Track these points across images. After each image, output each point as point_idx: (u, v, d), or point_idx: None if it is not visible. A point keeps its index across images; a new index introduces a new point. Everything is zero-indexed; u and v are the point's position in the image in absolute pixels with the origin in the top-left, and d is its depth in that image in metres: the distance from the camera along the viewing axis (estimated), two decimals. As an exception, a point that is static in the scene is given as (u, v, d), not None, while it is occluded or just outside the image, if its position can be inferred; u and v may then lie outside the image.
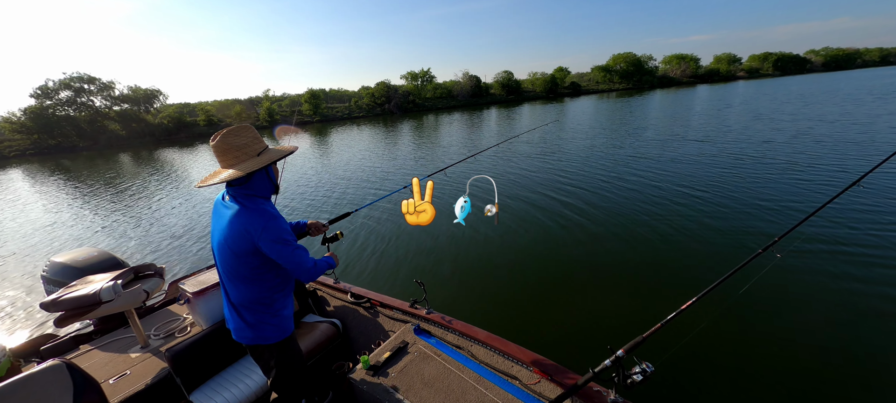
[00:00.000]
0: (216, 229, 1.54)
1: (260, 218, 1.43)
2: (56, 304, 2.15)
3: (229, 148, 1.45)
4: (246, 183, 1.47)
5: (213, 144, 1.45)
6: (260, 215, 1.44)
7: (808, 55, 79.83)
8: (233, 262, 1.49)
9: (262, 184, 1.52)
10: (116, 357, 2.39)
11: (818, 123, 13.21)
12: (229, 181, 1.46)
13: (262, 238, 1.42)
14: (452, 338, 2.03)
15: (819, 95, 23.60)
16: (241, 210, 1.45)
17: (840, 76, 50.28)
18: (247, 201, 1.47)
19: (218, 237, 1.52)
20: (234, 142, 1.45)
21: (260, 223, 1.42)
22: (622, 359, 1.30)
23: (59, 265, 2.81)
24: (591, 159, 10.28)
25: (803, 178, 7.21)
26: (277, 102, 53.97)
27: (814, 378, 2.71)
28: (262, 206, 1.48)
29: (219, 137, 1.44)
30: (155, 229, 7.69)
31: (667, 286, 3.95)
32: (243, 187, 1.48)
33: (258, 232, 1.42)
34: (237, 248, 1.45)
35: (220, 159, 1.48)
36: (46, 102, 38.04)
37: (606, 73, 65.35)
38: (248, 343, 1.62)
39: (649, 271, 4.29)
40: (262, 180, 1.51)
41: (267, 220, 1.43)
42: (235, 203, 1.47)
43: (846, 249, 4.34)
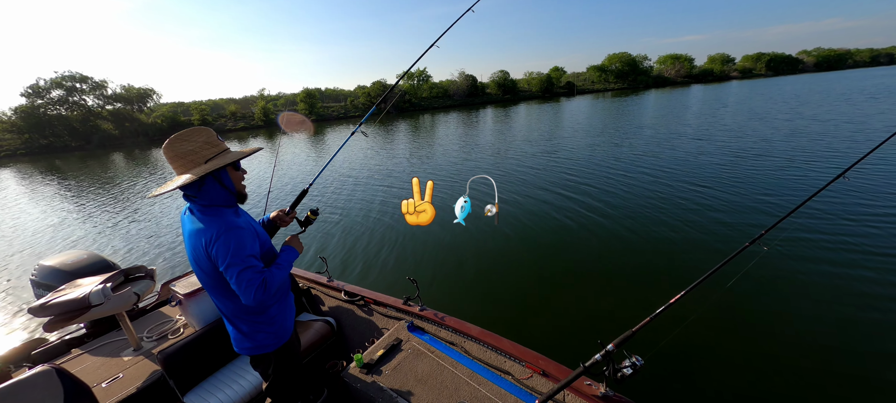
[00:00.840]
0: (186, 244, 1.44)
1: (212, 228, 1.32)
2: (45, 308, 2.12)
3: (176, 155, 1.33)
4: (199, 191, 1.35)
5: (163, 151, 1.36)
6: (212, 225, 1.33)
7: (800, 56, 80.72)
8: (204, 279, 1.42)
9: (216, 192, 1.38)
10: (108, 361, 2.36)
11: (811, 122, 13.40)
12: (184, 191, 1.35)
13: (213, 251, 1.31)
14: (446, 335, 2.03)
15: (812, 95, 23.91)
16: (196, 222, 1.36)
17: (832, 76, 50.92)
18: (203, 211, 1.37)
19: (188, 252, 1.43)
20: (181, 148, 1.33)
21: (211, 234, 1.31)
22: (612, 353, 1.32)
23: (49, 268, 2.78)
24: (581, 159, 10.34)
25: (793, 173, 7.34)
26: (273, 102, 53.69)
27: (800, 368, 2.76)
28: (217, 216, 1.36)
29: (166, 143, 1.33)
30: (145, 231, 7.62)
31: (656, 281, 4.00)
32: (198, 197, 1.36)
33: (210, 244, 1.31)
34: (202, 263, 1.37)
35: (173, 167, 1.37)
36: (37, 101, 37.57)
37: (602, 72, 65.68)
38: (248, 354, 1.57)
39: (639, 266, 4.34)
40: (213, 187, 1.37)
41: (218, 230, 1.31)
42: (194, 215, 1.38)
43: (832, 240, 4.42)
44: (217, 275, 1.38)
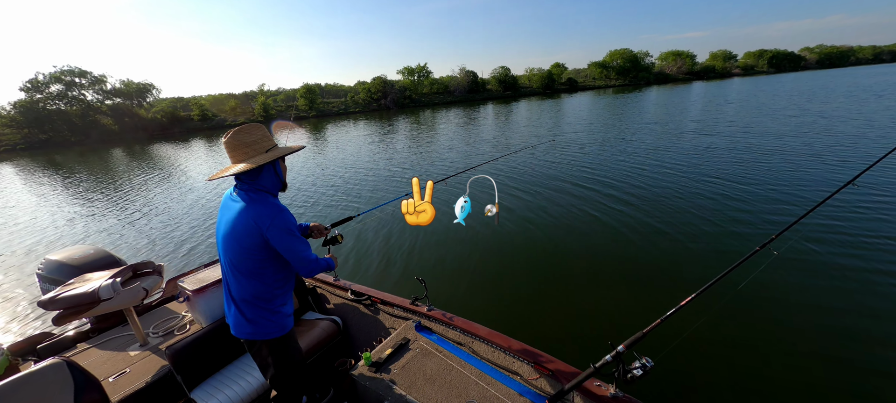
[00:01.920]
0: (223, 222, 1.58)
1: (269, 210, 1.49)
2: (54, 302, 2.13)
3: (240, 144, 1.52)
4: (255, 178, 1.54)
5: (225, 141, 1.53)
6: (269, 207, 1.50)
7: (802, 53, 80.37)
8: (238, 255, 1.53)
9: (271, 179, 1.58)
10: (115, 356, 2.37)
11: (819, 119, 13.36)
12: (239, 176, 1.53)
13: (271, 229, 1.47)
14: (454, 335, 2.04)
15: (817, 93, 23.77)
16: (249, 204, 1.50)
17: (834, 73, 50.74)
18: (255, 194, 1.53)
19: (224, 230, 1.55)
20: (245, 139, 1.53)
21: (269, 214, 1.48)
22: (623, 354, 1.33)
23: (55, 262, 2.77)
24: (587, 157, 10.32)
25: (804, 176, 7.28)
26: (272, 97, 53.52)
27: (811, 372, 2.76)
28: (270, 200, 1.54)
29: (230, 134, 1.53)
30: (150, 227, 7.62)
31: (667, 283, 3.99)
32: (252, 182, 1.54)
33: (267, 223, 1.47)
34: (244, 241, 1.50)
35: (230, 155, 1.55)
36: (36, 96, 37.36)
37: (603, 69, 65.43)
38: (246, 338, 1.64)
39: (650, 268, 4.33)
40: (270, 175, 1.57)
41: (276, 211, 1.49)
42: (244, 197, 1.52)
43: (842, 245, 4.40)
44: (256, 254, 1.51)
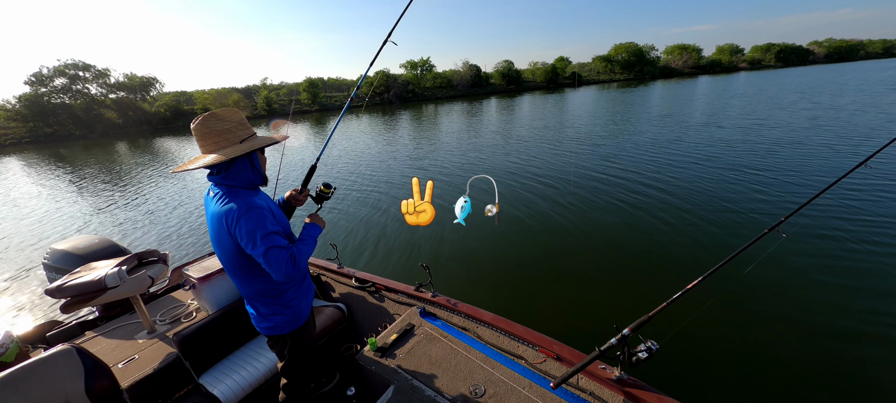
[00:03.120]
0: (209, 225, 1.46)
1: (235, 209, 1.32)
2: (61, 290, 2.15)
3: (209, 132, 1.33)
4: (226, 172, 1.36)
5: (194, 127, 1.35)
6: (237, 205, 1.33)
7: (810, 46, 79.12)
8: (225, 259, 1.44)
9: (244, 173, 1.39)
10: (123, 343, 2.40)
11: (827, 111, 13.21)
12: (209, 169, 1.35)
13: (236, 231, 1.31)
14: (458, 320, 2.05)
15: (827, 87, 23.38)
16: (220, 202, 1.35)
17: (844, 67, 49.92)
18: (227, 191, 1.37)
19: (211, 234, 1.44)
20: (216, 126, 1.34)
21: (235, 214, 1.31)
22: (628, 338, 1.33)
23: (61, 252, 2.80)
24: (593, 147, 10.26)
25: (816, 162, 7.25)
26: (275, 91, 53.44)
27: (818, 355, 2.75)
28: (241, 197, 1.36)
29: (199, 120, 1.34)
30: (153, 217, 7.68)
31: (674, 267, 3.99)
32: (223, 176, 1.37)
33: (233, 224, 1.31)
34: (223, 243, 1.38)
35: (199, 144, 1.36)
36: (41, 90, 37.58)
37: (608, 63, 64.74)
38: (265, 333, 1.62)
39: (657, 252, 4.32)
40: (244, 168, 1.39)
41: (242, 210, 1.31)
42: (217, 195, 1.38)
43: (853, 228, 4.37)
44: (239, 256, 1.39)
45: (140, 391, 2.00)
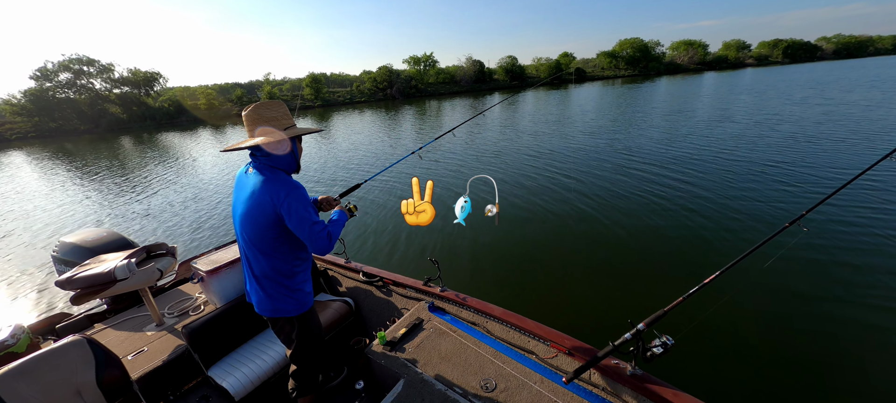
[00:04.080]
0: (238, 201, 1.57)
1: (283, 187, 1.47)
2: (71, 282, 2.16)
3: (260, 119, 1.51)
4: (272, 155, 1.52)
5: (245, 114, 1.51)
6: (283, 184, 1.48)
7: (819, 42, 78.00)
8: (255, 232, 1.52)
9: (287, 158, 1.56)
10: (132, 335, 2.41)
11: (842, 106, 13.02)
12: (255, 151, 1.52)
13: (284, 206, 1.45)
14: (467, 315, 2.04)
15: (839, 83, 23.00)
16: (265, 180, 1.48)
17: (853, 64, 49.18)
18: (271, 172, 1.51)
19: (241, 209, 1.55)
20: (266, 114, 1.51)
21: (283, 192, 1.46)
22: (643, 332, 1.31)
23: (70, 244, 2.81)
24: (606, 141, 10.20)
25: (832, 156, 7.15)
26: (278, 86, 53.45)
27: (836, 351, 2.69)
28: (285, 178, 1.52)
29: (252, 108, 1.51)
30: (161, 211, 7.72)
31: (692, 261, 3.93)
32: (268, 159, 1.52)
33: (281, 200, 1.45)
34: (259, 218, 1.49)
35: (249, 129, 1.53)
36: (46, 85, 37.74)
37: (612, 58, 64.17)
38: (269, 315, 1.66)
39: (675, 246, 4.26)
40: (287, 153, 1.56)
41: (290, 189, 1.47)
42: (259, 174, 1.51)
43: (874, 223, 4.28)
44: (271, 230, 1.50)
45: (150, 382, 2.01)
